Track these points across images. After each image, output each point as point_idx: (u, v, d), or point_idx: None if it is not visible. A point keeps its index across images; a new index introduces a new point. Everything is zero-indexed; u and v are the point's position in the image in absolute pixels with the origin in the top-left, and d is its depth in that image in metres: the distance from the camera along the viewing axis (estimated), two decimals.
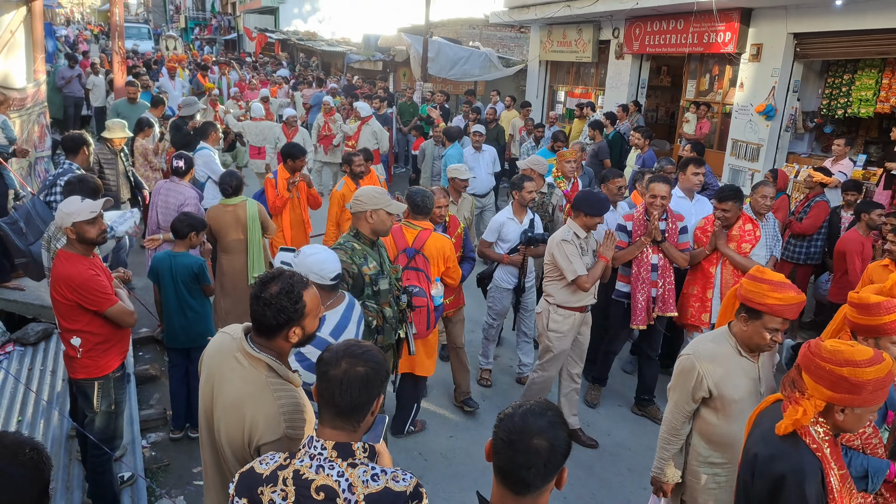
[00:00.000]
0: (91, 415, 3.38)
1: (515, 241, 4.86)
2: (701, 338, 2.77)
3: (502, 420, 1.61)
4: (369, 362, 1.73)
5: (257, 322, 2.01)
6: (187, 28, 41.28)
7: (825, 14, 7.69)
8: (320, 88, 14.97)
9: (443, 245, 4.14)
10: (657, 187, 4.50)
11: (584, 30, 12.04)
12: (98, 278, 3.16)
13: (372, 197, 3.29)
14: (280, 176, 5.72)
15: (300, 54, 26.40)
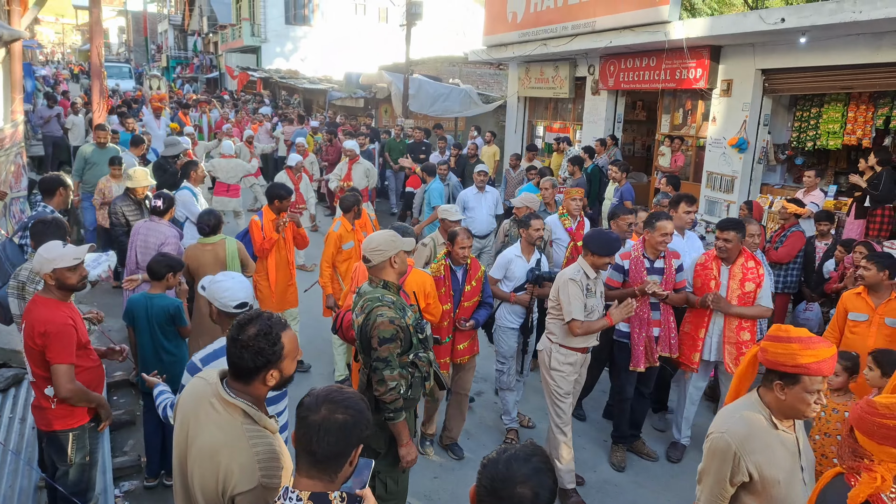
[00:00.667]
0: (64, 467, 3.25)
1: (522, 280, 4.72)
2: (728, 411, 2.37)
3: (486, 466, 1.58)
4: (349, 409, 1.68)
5: (234, 365, 1.98)
6: (169, 67, 41.51)
7: (791, 51, 7.97)
8: (301, 125, 15.04)
9: (423, 281, 4.14)
10: (665, 225, 4.31)
11: (560, 67, 12.33)
12: (70, 330, 3.05)
13: (389, 242, 3.09)
14: (266, 217, 5.60)
15: (282, 92, 26.64)
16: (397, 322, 2.96)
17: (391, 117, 17.28)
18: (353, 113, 19.34)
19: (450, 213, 5.21)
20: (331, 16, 31.40)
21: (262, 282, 5.63)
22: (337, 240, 5.54)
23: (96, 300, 7.30)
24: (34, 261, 3.13)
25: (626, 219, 5.14)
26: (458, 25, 30.16)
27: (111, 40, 56.51)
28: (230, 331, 2.00)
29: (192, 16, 41.39)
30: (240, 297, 2.79)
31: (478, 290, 4.48)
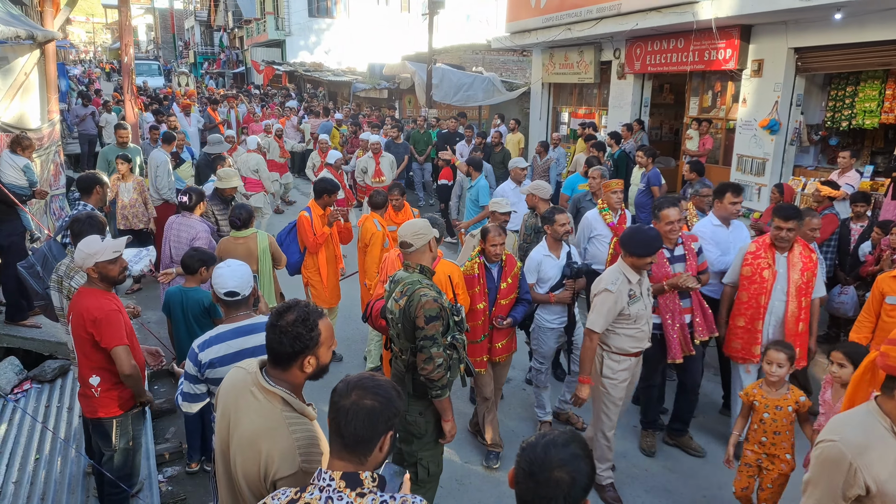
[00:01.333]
0: (109, 453, 3.38)
1: (556, 279, 4.54)
2: (841, 419, 2.18)
3: (525, 449, 1.60)
4: (378, 396, 1.71)
5: (273, 351, 2.04)
6: (196, 63, 42.08)
7: (825, 28, 7.73)
8: (327, 118, 15.14)
9: (450, 271, 4.15)
10: (669, 213, 4.19)
11: (585, 52, 12.17)
12: (118, 315, 3.18)
13: (428, 227, 3.21)
14: (314, 212, 5.54)
15: (307, 85, 26.83)
16: (440, 301, 3.06)
17: (415, 107, 17.29)
18: (377, 104, 19.41)
19: (500, 205, 5.01)
20: (353, 7, 31.46)
21: (314, 277, 5.59)
22: (381, 238, 5.53)
23: (135, 293, 7.52)
24: (76, 256, 3.23)
25: (667, 215, 4.87)
26: (480, 13, 29.92)
27: (140, 38, 57.50)
28: (270, 318, 2.06)
29: (217, 11, 41.84)
30: (228, 286, 2.83)
31: (514, 287, 4.32)
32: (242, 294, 2.87)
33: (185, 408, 2.81)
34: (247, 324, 2.83)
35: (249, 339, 2.77)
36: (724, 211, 4.87)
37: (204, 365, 2.74)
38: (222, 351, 2.74)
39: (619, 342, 3.87)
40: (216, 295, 2.88)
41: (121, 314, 3.21)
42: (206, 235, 5.15)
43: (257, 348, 2.74)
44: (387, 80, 19.25)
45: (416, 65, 16.05)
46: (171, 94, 21.04)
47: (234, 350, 2.74)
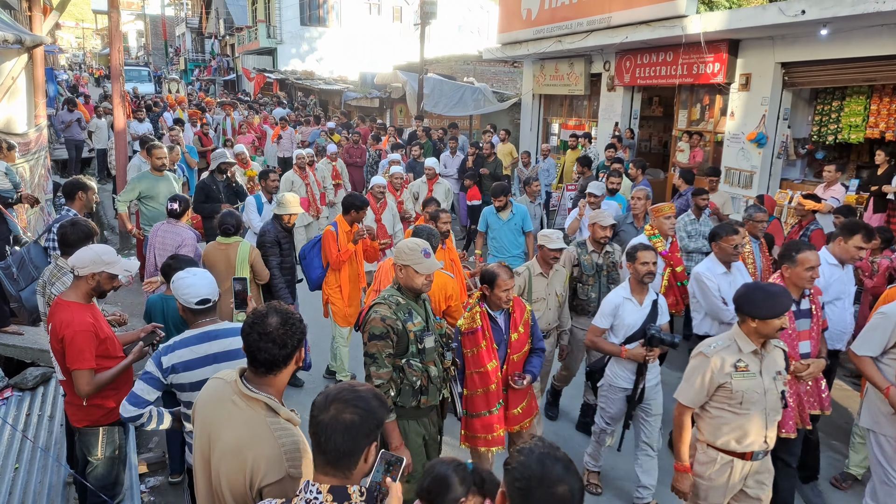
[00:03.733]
0: (95, 462, 3.33)
1: (635, 327, 3.82)
2: None
3: (515, 468, 1.55)
4: (357, 408, 1.67)
5: (268, 361, 2.02)
6: (187, 70, 41.98)
7: (811, 43, 7.85)
8: (317, 126, 15.12)
9: (444, 283, 4.12)
10: (809, 257, 3.45)
11: (575, 64, 12.27)
12: (86, 335, 3.07)
13: (403, 252, 3.09)
14: (340, 228, 5.29)
15: (298, 93, 26.84)
16: (389, 322, 3.00)
17: (406, 117, 17.34)
18: (368, 113, 19.44)
19: (550, 239, 4.35)
20: (345, 16, 31.57)
21: (334, 294, 5.38)
22: None
23: (120, 300, 7.45)
24: (86, 255, 3.14)
25: (730, 240, 4.16)
26: (472, 24, 30.14)
27: (130, 44, 57.31)
28: (251, 329, 2.03)
29: (208, 19, 41.83)
30: (202, 294, 2.80)
31: (527, 337, 3.65)
32: (214, 300, 2.86)
33: (122, 411, 2.71)
34: (211, 329, 2.81)
35: (214, 345, 2.75)
36: (845, 253, 4.11)
37: (167, 369, 2.72)
38: (186, 356, 2.72)
39: (716, 432, 2.97)
40: (183, 305, 2.84)
41: (92, 331, 3.10)
42: (193, 243, 5.11)
43: (221, 353, 2.73)
44: (378, 89, 19.31)
45: (407, 74, 16.12)
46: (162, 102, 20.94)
47: (199, 355, 2.73)
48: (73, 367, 3.06)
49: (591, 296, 4.70)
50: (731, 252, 4.20)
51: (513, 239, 6.27)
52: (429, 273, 3.07)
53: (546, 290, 4.45)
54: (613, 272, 4.77)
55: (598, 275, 4.71)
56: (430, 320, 3.19)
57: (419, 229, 4.33)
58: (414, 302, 3.12)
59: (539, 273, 4.43)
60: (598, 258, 4.74)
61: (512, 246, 6.25)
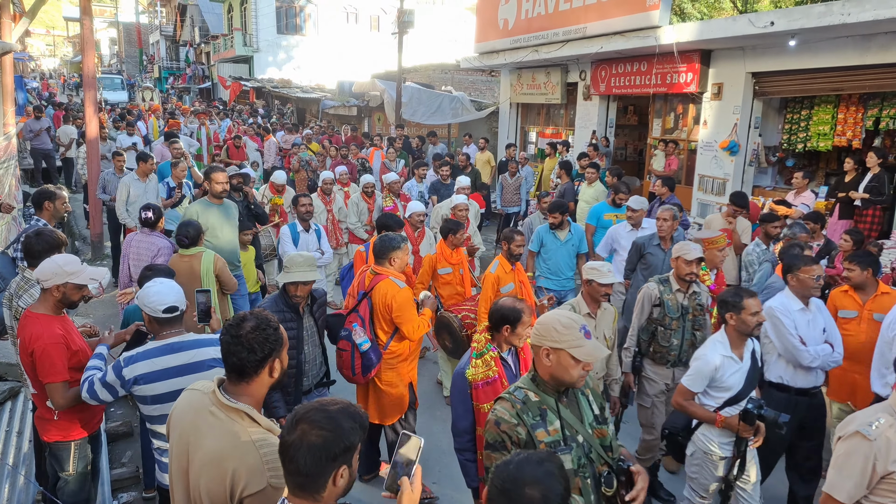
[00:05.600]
0: (66, 478, 3.25)
1: (736, 389, 3.27)
2: None
3: (498, 467, 1.60)
4: (325, 429, 1.61)
5: (238, 363, 2.01)
6: (161, 78, 41.52)
7: (780, 54, 8.05)
8: (296, 134, 15.03)
9: (385, 292, 3.87)
10: None
11: (552, 73, 12.40)
12: (57, 348, 3.02)
13: (552, 329, 2.27)
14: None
15: (275, 101, 26.67)
16: (506, 428, 2.27)
17: (384, 125, 17.34)
18: (346, 121, 19.40)
19: (600, 272, 3.84)
20: (323, 25, 31.52)
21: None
22: (495, 282, 4.80)
23: (92, 312, 7.30)
24: (46, 267, 3.07)
25: (810, 271, 3.74)
26: (449, 33, 30.31)
27: (102, 52, 56.50)
28: (226, 333, 2.02)
29: (183, 26, 41.43)
30: (168, 301, 2.78)
31: None
32: (181, 309, 2.83)
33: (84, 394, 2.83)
34: (174, 341, 2.78)
35: (177, 357, 2.72)
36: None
37: (129, 381, 2.70)
38: (148, 368, 2.69)
39: None
40: (149, 315, 2.80)
41: (63, 343, 3.05)
42: (169, 252, 5.02)
43: (185, 366, 2.71)
44: (356, 97, 19.29)
45: (385, 83, 16.13)
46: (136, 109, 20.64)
47: (161, 368, 2.70)
48: (46, 381, 3.01)
49: (674, 342, 4.07)
50: (811, 285, 3.74)
51: (568, 261, 5.95)
52: (590, 360, 2.25)
53: (595, 333, 3.80)
54: (701, 317, 4.12)
55: (682, 318, 4.08)
56: (580, 427, 2.30)
57: (382, 237, 4.12)
58: (553, 399, 2.30)
59: (586, 313, 3.89)
60: (684, 299, 4.11)
61: (567, 268, 5.94)
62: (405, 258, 4.07)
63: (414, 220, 6.15)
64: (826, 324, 3.85)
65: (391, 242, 4.01)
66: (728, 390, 3.28)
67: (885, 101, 7.53)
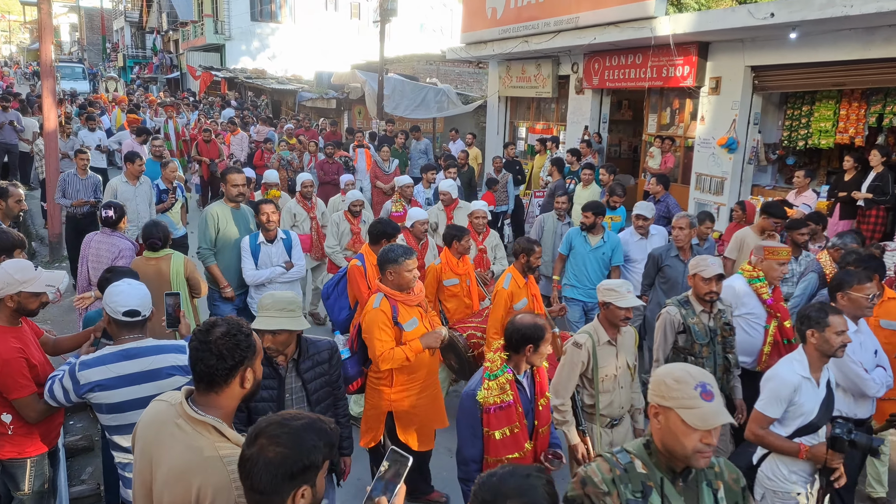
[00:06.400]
0: (21, 498, 3.19)
1: (812, 414, 3.06)
2: None
3: (483, 479, 1.62)
4: (283, 446, 1.59)
5: (207, 371, 1.99)
6: (126, 67, 41.09)
7: (780, 47, 8.15)
8: (272, 128, 14.95)
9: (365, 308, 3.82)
10: None
11: (542, 65, 12.45)
12: (17, 362, 2.96)
13: (661, 383, 2.00)
14: (368, 260, 4.79)
15: (249, 93, 26.51)
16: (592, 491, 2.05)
17: (365, 119, 17.30)
18: (324, 115, 19.32)
19: (618, 294, 3.49)
20: (300, 12, 31.39)
21: None
22: (508, 299, 4.59)
23: (51, 318, 7.18)
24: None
25: (863, 289, 3.57)
26: (435, 22, 30.35)
27: (62, 38, 55.77)
28: (195, 338, 2.01)
29: (150, 12, 41.03)
30: (131, 304, 2.74)
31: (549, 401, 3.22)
32: (144, 314, 2.79)
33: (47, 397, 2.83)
34: (132, 346, 2.74)
35: (134, 364, 2.69)
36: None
37: (83, 387, 2.67)
38: (103, 374, 2.67)
39: None
40: (110, 316, 2.78)
41: (22, 356, 2.99)
42: (131, 254, 4.96)
43: (142, 373, 2.68)
44: (335, 89, 19.22)
45: (366, 74, 16.10)
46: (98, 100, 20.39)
47: (117, 374, 2.67)
48: (13, 398, 2.96)
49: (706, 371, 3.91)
50: (864, 305, 3.58)
51: (597, 270, 5.76)
52: (705, 427, 1.90)
53: (617, 362, 3.59)
54: (730, 337, 3.94)
55: (712, 342, 3.87)
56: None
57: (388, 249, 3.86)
58: (666, 479, 1.99)
59: (606, 341, 3.57)
60: (710, 320, 3.89)
61: (595, 278, 5.69)
62: (405, 275, 3.72)
63: (417, 229, 5.66)
64: (876, 345, 3.71)
65: (386, 255, 3.80)
66: (802, 416, 3.05)
67: (889, 97, 7.65)
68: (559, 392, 3.49)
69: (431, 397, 4.00)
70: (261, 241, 5.27)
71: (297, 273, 5.36)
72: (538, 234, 6.80)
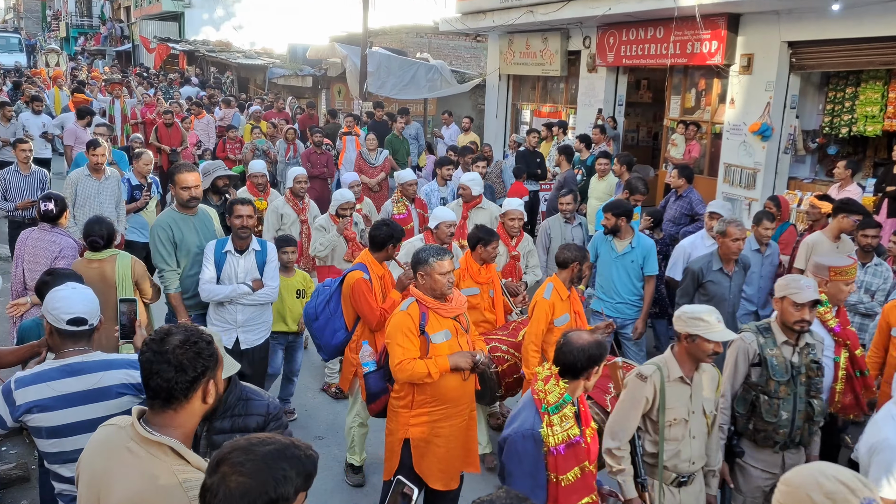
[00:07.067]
0: None
1: None
2: None
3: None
4: (246, 475, 1.59)
5: (163, 389, 1.99)
6: (69, 38, 40.95)
7: (821, 20, 8.19)
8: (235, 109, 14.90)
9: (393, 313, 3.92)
10: None
11: (550, 39, 12.48)
12: None
13: (805, 497, 1.81)
14: (373, 271, 4.65)
15: (211, 68, 26.44)
16: None
17: (345, 99, 17.28)
18: (298, 94, 19.30)
19: (709, 326, 3.29)
20: None
21: None
22: (549, 311, 4.49)
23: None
24: None
25: None
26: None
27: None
28: (147, 347, 2.01)
29: None
30: (74, 310, 2.72)
31: (596, 440, 3.18)
32: (91, 323, 2.77)
33: None
34: (76, 361, 2.72)
35: (79, 381, 2.67)
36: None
37: (20, 408, 2.63)
38: (42, 393, 2.64)
39: None
40: (51, 325, 2.75)
41: None
42: (74, 253, 4.93)
43: (88, 392, 2.66)
44: (311, 65, 19.19)
45: (347, 48, 16.07)
46: (37, 76, 20.28)
47: (59, 394, 2.65)
48: None
49: (783, 416, 3.58)
50: None
51: (626, 281, 5.64)
52: None
53: (690, 405, 3.39)
54: (817, 378, 3.69)
55: (793, 382, 3.62)
56: None
57: None
58: None
59: (678, 377, 3.37)
60: (793, 354, 3.65)
61: (623, 289, 5.63)
62: (438, 278, 3.67)
63: (442, 232, 5.41)
64: None
65: (417, 256, 3.79)
66: None
67: None
68: (616, 433, 3.33)
69: (460, 430, 3.88)
70: (228, 250, 4.80)
71: (265, 296, 4.90)
72: (545, 243, 6.67)
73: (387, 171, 10.10)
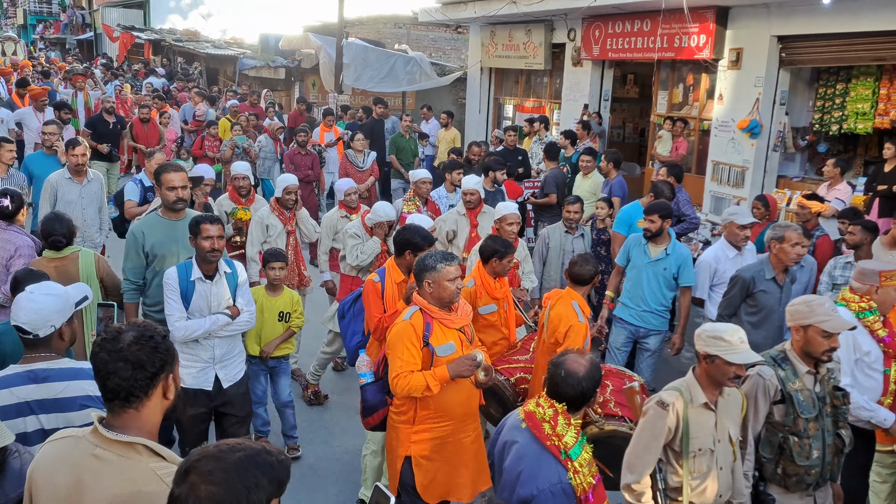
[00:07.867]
0: None
1: None
2: None
3: None
4: (215, 484, 1.59)
5: (122, 388, 1.97)
6: (27, 25, 40.39)
7: (812, 14, 8.27)
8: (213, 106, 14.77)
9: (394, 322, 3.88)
10: None
11: (533, 31, 12.50)
12: None
13: None
14: (389, 276, 4.55)
15: (178, 59, 26.20)
16: None
17: (320, 92, 17.20)
18: (271, 86, 19.17)
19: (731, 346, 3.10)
20: None
21: None
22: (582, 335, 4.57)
23: None
24: None
25: None
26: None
27: None
28: (100, 347, 1.99)
29: None
30: (18, 319, 2.69)
31: None
32: (35, 334, 2.72)
33: None
34: (40, 368, 2.69)
35: (39, 389, 2.64)
36: None
37: None
38: (4, 399, 2.61)
39: None
40: (21, 335, 2.73)
41: None
42: (31, 252, 4.86)
43: (45, 402, 2.64)
44: (284, 56, 19.08)
45: (322, 38, 15.99)
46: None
47: (20, 400, 2.62)
48: None
49: (814, 455, 3.35)
50: None
51: (656, 289, 5.49)
52: None
53: (715, 434, 3.22)
54: (843, 407, 3.50)
55: (820, 416, 3.41)
56: None
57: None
58: None
59: (702, 403, 3.20)
60: (815, 384, 3.44)
61: (652, 298, 5.48)
62: (446, 285, 3.58)
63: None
64: None
65: (422, 262, 3.68)
66: None
67: None
68: (634, 466, 3.14)
69: (466, 447, 3.81)
70: (196, 278, 4.23)
71: (245, 324, 4.48)
72: (542, 253, 6.56)
73: (376, 176, 9.83)
